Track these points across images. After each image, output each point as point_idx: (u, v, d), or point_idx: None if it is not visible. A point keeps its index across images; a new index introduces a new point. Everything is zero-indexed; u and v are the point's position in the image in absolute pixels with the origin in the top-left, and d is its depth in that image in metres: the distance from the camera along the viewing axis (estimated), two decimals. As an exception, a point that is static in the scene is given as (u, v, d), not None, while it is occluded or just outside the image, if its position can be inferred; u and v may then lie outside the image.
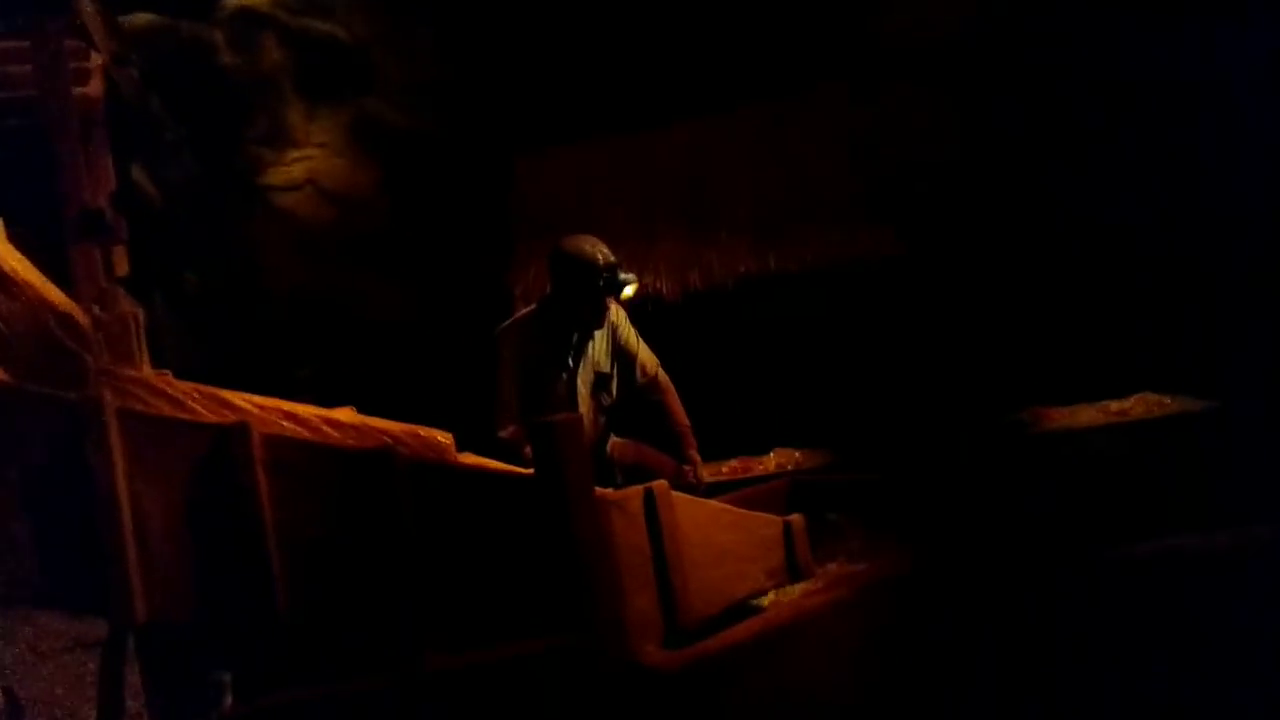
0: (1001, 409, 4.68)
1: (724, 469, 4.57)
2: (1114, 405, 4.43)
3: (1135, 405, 4.40)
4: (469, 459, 2.27)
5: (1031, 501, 2.94)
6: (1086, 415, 4.45)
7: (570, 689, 1.89)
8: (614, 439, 3.42)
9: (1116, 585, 2.62)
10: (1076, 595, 2.46)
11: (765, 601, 2.40)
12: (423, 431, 2.22)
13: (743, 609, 2.32)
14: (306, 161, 5.71)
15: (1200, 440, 3.88)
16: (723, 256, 5.14)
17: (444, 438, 2.23)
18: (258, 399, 2.11)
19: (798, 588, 2.44)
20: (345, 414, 2.22)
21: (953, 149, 5.16)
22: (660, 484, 2.20)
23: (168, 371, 2.21)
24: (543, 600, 1.95)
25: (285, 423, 2.08)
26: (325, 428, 2.12)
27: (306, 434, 2.07)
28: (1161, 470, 3.38)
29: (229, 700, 2.21)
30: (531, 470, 2.07)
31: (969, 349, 5.01)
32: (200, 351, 4.76)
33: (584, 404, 3.27)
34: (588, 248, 3.16)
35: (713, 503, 2.42)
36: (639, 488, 2.18)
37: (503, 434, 3.16)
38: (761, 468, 4.58)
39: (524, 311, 3.42)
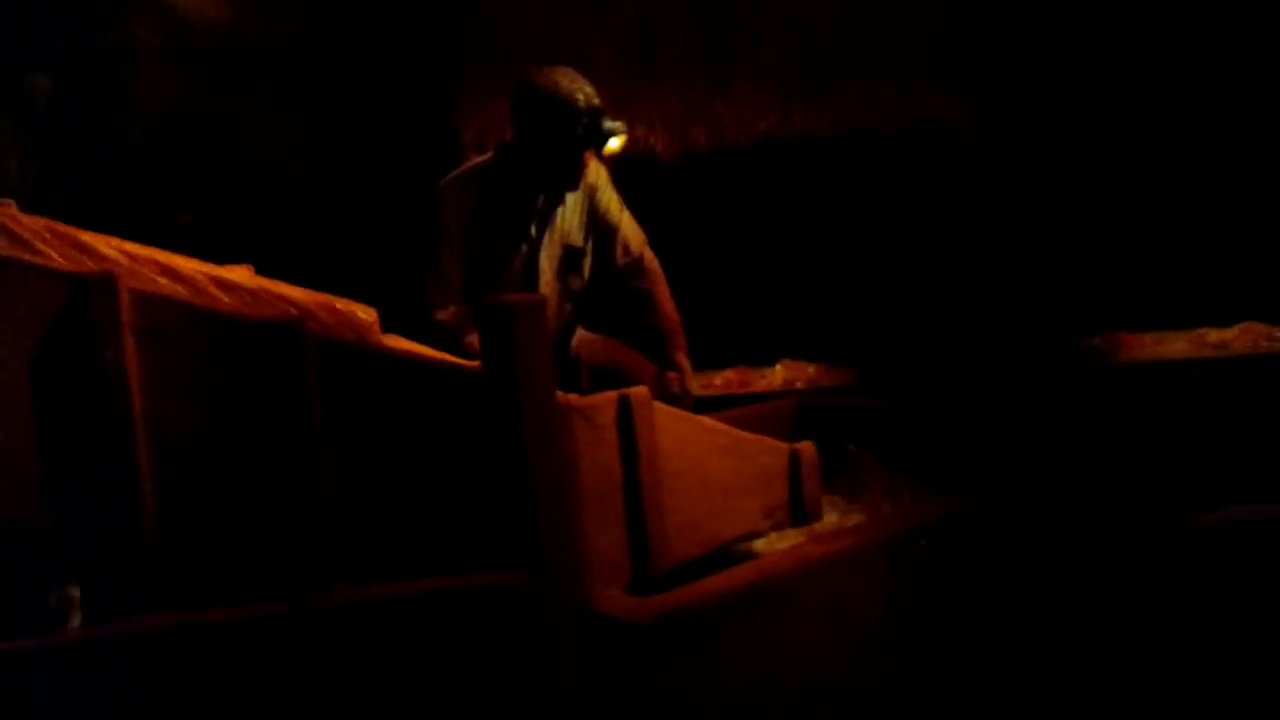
0: (1069, 331, 4.71)
1: (718, 380, 4.61)
2: (1212, 335, 4.48)
3: (1238, 337, 4.45)
4: (396, 342, 2.25)
5: (1104, 448, 2.98)
6: (1177, 345, 4.52)
7: (509, 637, 1.90)
8: (581, 332, 3.41)
9: (1206, 556, 2.69)
10: (1154, 565, 2.51)
11: (760, 546, 2.43)
12: (339, 304, 2.19)
13: (731, 554, 2.35)
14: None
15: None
16: (738, 109, 5.05)
17: (365, 314, 2.20)
18: (128, 245, 2.07)
19: (802, 532, 2.47)
20: (240, 274, 2.18)
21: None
22: (640, 391, 2.19)
23: (10, 202, 2.15)
24: (482, 526, 1.96)
25: (162, 279, 2.03)
26: (214, 289, 2.08)
27: (188, 295, 2.03)
28: (1268, 419, 3.44)
29: (76, 620, 2.22)
30: (476, 363, 2.05)
31: (1034, 254, 5.00)
32: (51, 180, 4.67)
33: (547, 285, 3.25)
34: (565, 83, 3.08)
35: (704, 420, 2.42)
36: (611, 394, 2.17)
37: (440, 315, 3.15)
38: (765, 383, 4.62)
39: (475, 161, 3.36)
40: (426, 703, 1.87)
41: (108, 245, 2.05)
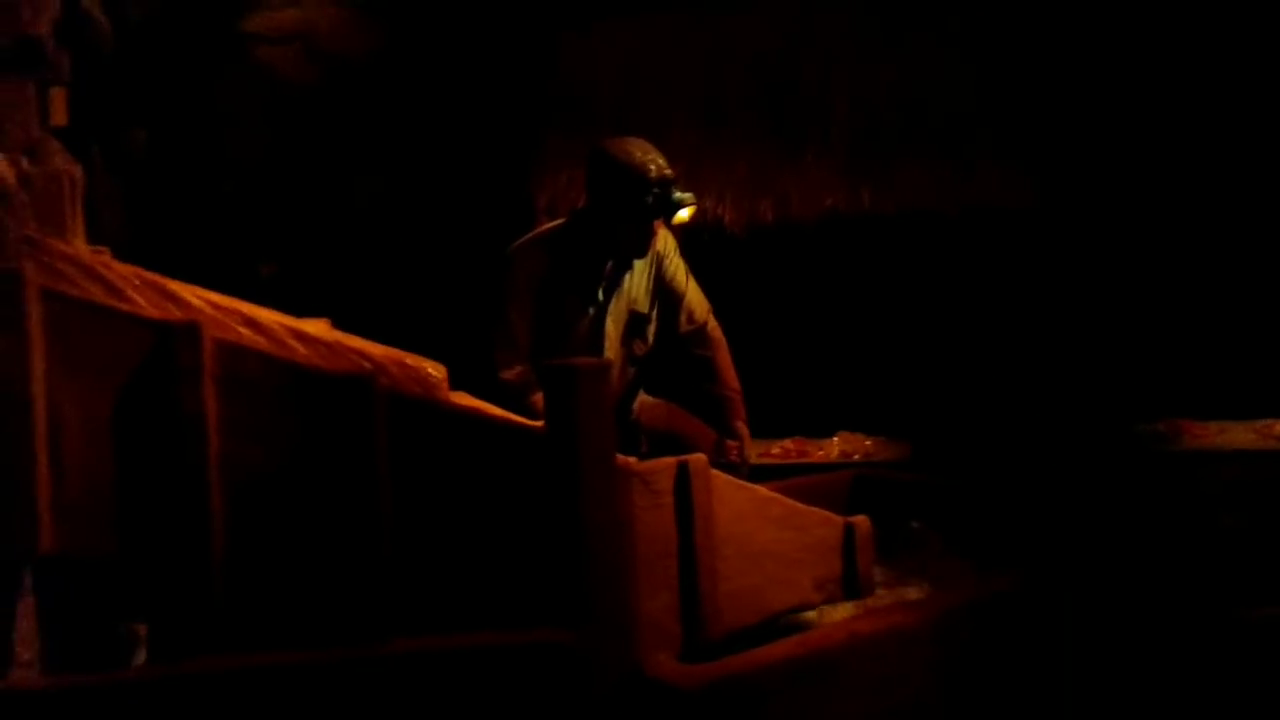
0: (1132, 416, 4.64)
1: (775, 450, 4.59)
2: (1278, 427, 4.40)
3: (1300, 430, 4.37)
4: (463, 399, 2.28)
5: (1162, 534, 2.93)
6: (1241, 435, 4.44)
7: (560, 696, 1.90)
8: (643, 396, 3.43)
9: (1242, 650, 2.62)
10: (1212, 657, 2.46)
11: (811, 618, 2.41)
12: (410, 360, 2.23)
13: (782, 625, 2.34)
14: (298, 9, 5.69)
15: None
16: (805, 184, 5.06)
17: (435, 370, 2.23)
18: (212, 295, 2.13)
19: (853, 606, 2.45)
20: (317, 326, 2.23)
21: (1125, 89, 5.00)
22: (698, 458, 2.20)
23: (105, 249, 2.22)
24: (539, 584, 1.97)
25: (244, 329, 2.09)
26: (292, 341, 2.13)
27: (268, 345, 2.08)
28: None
29: (141, 656, 2.25)
30: (539, 423, 2.08)
31: (1097, 336, 4.95)
32: (144, 229, 4.80)
33: (612, 349, 3.28)
34: (638, 154, 3.14)
35: (760, 489, 2.41)
36: (670, 460, 2.18)
37: (506, 374, 3.19)
38: (822, 454, 4.59)
39: (548, 226, 3.42)
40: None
41: (194, 295, 2.12)
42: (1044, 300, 4.99)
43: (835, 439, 4.73)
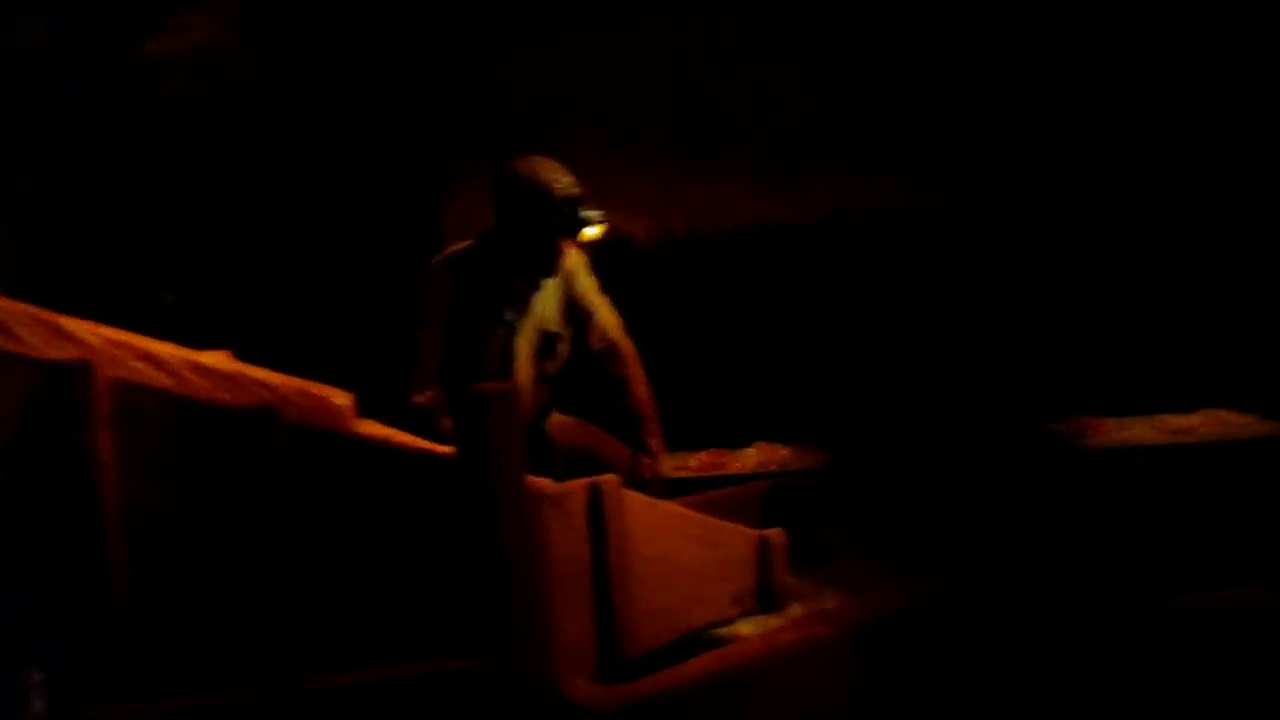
0: (1039, 415, 4.73)
1: (691, 462, 4.59)
2: (1174, 421, 4.50)
3: (1201, 424, 4.47)
4: (371, 428, 2.24)
5: (1072, 532, 2.99)
6: (1140, 431, 4.52)
7: (477, 725, 1.89)
8: (557, 415, 3.41)
9: (1168, 640, 2.69)
10: (1118, 649, 2.51)
11: (727, 633, 2.41)
12: (315, 389, 2.19)
13: (699, 641, 2.33)
14: (189, 33, 5.58)
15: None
16: (717, 198, 5.09)
17: (342, 399, 2.19)
18: (107, 331, 2.06)
19: (770, 619, 2.46)
20: (218, 359, 2.17)
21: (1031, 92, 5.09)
22: (610, 479, 2.19)
23: (-6, 286, 2.15)
24: (453, 612, 1.94)
25: (139, 364, 2.03)
26: (190, 375, 2.07)
27: (166, 381, 2.02)
28: (1229, 504, 3.45)
29: (39, 705, 2.17)
30: (450, 449, 2.05)
31: (1005, 338, 5.04)
32: (35, 264, 4.67)
33: (523, 370, 3.26)
34: (544, 172, 3.13)
35: (674, 506, 2.42)
36: (583, 482, 2.17)
37: (418, 399, 3.15)
38: (738, 465, 4.61)
39: (457, 247, 3.38)
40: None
41: (89, 331, 2.05)
42: (952, 306, 5.08)
43: (751, 449, 4.75)
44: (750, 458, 4.69)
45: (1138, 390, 4.71)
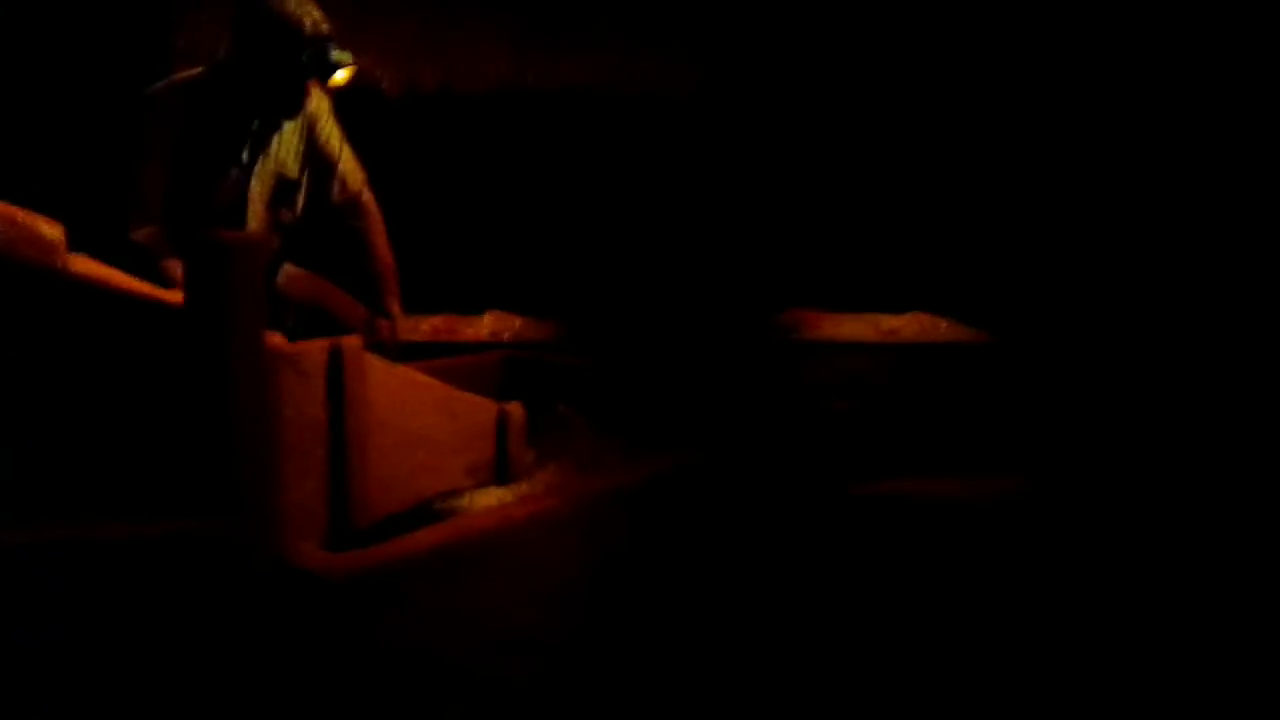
0: (765, 305, 4.92)
1: (425, 326, 4.52)
2: (885, 321, 4.79)
3: (907, 325, 4.78)
4: (85, 264, 2.05)
5: (784, 419, 3.14)
6: (852, 328, 4.78)
7: (202, 587, 1.79)
8: (289, 268, 3.25)
9: (845, 522, 2.90)
10: (801, 531, 2.69)
11: (462, 504, 2.41)
12: (21, 216, 1.97)
13: (433, 511, 2.32)
14: None
15: (974, 376, 4.30)
16: (472, 53, 4.91)
17: (51, 230, 1.98)
18: None
19: (505, 491, 2.46)
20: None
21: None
22: (352, 341, 2.11)
23: None
24: (176, 471, 1.83)
25: None
26: None
27: None
28: (927, 403, 3.73)
29: None
30: (175, 293, 1.92)
31: (745, 223, 5.18)
32: None
33: (255, 215, 3.07)
34: (292, 5, 2.90)
35: (415, 373, 2.35)
36: (323, 343, 2.08)
37: (136, 235, 2.91)
38: (472, 332, 4.57)
39: (188, 73, 3.10)
40: (114, 651, 1.74)
41: None
42: (697, 190, 5.15)
43: (486, 317, 4.71)
44: (485, 325, 4.66)
45: (858, 287, 4.96)
